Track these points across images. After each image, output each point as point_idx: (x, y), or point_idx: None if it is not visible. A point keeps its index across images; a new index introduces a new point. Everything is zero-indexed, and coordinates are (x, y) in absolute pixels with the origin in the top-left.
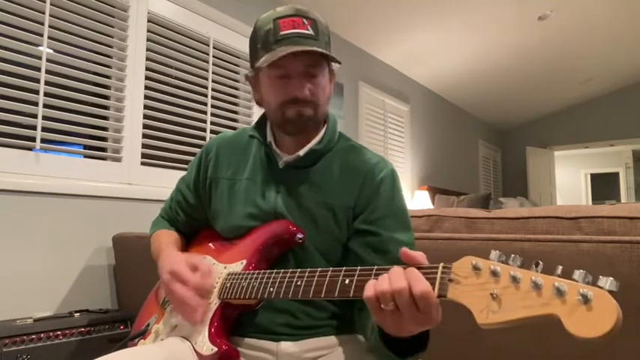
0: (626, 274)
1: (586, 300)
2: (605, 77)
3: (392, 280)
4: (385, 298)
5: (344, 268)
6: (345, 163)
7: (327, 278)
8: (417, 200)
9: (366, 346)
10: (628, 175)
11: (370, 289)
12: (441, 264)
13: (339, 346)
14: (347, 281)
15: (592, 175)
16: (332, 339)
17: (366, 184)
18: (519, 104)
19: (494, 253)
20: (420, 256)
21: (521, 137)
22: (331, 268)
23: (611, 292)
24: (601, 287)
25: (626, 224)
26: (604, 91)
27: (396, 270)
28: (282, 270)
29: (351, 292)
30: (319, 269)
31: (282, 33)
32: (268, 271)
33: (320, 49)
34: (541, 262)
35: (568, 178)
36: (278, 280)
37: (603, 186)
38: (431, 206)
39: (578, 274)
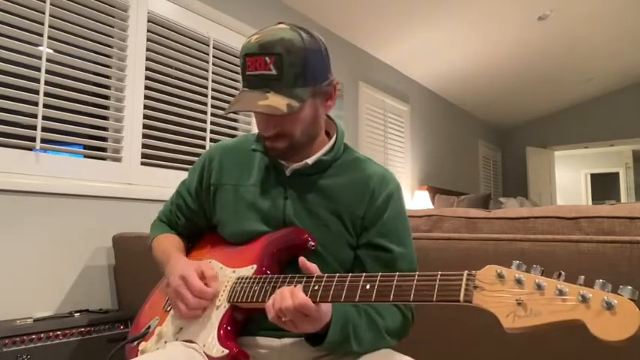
0: (626, 274)
1: (610, 306)
2: (605, 77)
3: (278, 300)
4: (283, 314)
5: (364, 274)
6: (353, 174)
7: (347, 283)
8: (417, 200)
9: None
10: (628, 175)
11: (270, 311)
12: (466, 272)
13: None
14: (368, 287)
15: (592, 175)
16: None
17: (375, 196)
18: (519, 104)
19: (515, 263)
20: (313, 267)
21: (521, 137)
22: (350, 274)
23: (632, 299)
24: (622, 295)
25: (626, 224)
26: (604, 91)
27: (281, 291)
28: (298, 275)
29: (373, 297)
30: (337, 275)
31: (246, 73)
32: (282, 275)
33: (270, 101)
34: (563, 273)
35: (568, 178)
36: (294, 284)
37: (603, 186)
38: (431, 206)
39: (598, 283)
